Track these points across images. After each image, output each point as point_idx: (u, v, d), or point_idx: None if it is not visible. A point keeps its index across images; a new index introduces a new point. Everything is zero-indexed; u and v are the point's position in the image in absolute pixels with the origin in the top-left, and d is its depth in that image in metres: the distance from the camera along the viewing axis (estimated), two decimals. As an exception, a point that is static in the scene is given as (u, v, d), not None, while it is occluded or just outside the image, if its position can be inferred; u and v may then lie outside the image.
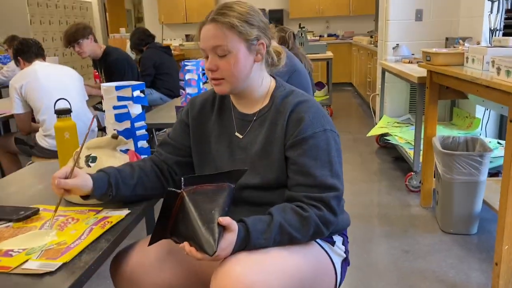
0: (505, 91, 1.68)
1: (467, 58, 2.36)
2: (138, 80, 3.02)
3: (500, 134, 3.58)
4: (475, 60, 2.25)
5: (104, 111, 3.24)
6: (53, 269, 0.86)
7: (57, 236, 1.00)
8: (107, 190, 1.13)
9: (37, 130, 2.69)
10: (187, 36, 9.04)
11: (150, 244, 1.00)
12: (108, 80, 3.26)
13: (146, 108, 1.94)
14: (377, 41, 4.87)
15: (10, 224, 1.09)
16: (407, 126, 3.92)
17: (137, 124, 1.46)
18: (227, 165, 1.17)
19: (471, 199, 2.35)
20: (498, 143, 3.15)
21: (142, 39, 4.15)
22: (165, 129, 4.44)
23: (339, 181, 1.08)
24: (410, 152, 3.23)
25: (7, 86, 2.72)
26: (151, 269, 1.16)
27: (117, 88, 1.41)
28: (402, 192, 3.09)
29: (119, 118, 1.41)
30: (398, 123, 4.08)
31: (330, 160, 1.07)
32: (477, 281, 1.98)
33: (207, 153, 1.22)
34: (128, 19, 12.11)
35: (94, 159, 1.24)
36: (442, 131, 3.48)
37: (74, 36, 3.11)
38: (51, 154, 2.61)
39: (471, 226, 2.41)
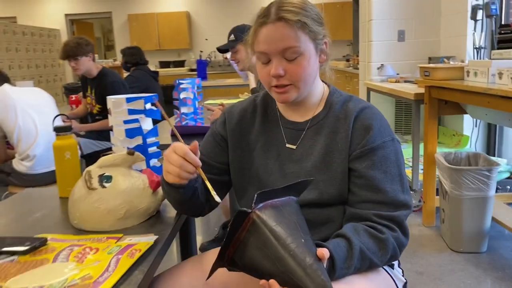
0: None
1: (467, 72, 2.34)
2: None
3: (489, 150, 3.59)
4: (477, 73, 2.22)
5: (84, 137, 3.06)
6: (85, 310, 0.69)
7: (78, 269, 0.83)
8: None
9: (13, 157, 2.47)
10: (161, 62, 8.90)
11: (208, 277, 0.84)
12: (100, 101, 3.07)
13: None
14: (357, 63, 4.89)
15: (15, 257, 0.90)
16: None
17: (149, 141, 1.30)
18: (277, 181, 1.02)
19: (480, 216, 2.29)
20: (491, 159, 3.14)
21: (135, 54, 4.03)
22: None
23: (409, 197, 0.97)
24: (407, 171, 3.17)
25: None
26: None
27: (128, 100, 1.25)
28: (401, 212, 3.00)
29: (130, 133, 1.25)
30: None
31: (400, 173, 0.96)
32: (500, 301, 1.89)
33: (250, 168, 1.07)
34: (98, 47, 11.89)
35: (108, 178, 1.07)
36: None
37: (75, 51, 2.88)
38: (29, 180, 2.38)
39: (481, 244, 2.34)
